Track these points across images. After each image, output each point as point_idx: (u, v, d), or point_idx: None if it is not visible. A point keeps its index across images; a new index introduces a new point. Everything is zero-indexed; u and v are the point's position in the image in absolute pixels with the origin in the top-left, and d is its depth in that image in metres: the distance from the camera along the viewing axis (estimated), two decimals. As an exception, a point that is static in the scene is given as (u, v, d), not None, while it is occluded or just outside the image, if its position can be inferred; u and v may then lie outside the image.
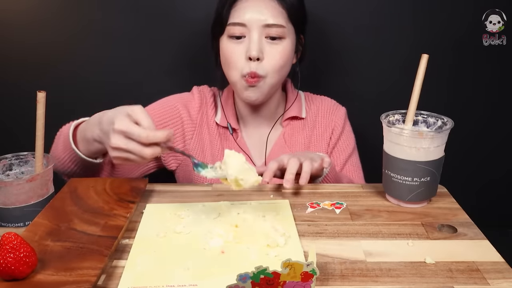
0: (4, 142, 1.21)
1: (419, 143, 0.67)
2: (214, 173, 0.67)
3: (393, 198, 0.72)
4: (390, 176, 0.70)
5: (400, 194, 0.70)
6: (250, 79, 0.88)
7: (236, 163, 0.65)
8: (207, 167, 0.69)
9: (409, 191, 0.69)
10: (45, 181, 0.71)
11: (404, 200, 0.70)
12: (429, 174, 0.68)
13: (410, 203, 0.70)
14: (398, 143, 0.68)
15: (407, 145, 0.67)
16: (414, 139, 0.67)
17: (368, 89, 1.21)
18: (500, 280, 0.53)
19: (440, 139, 0.68)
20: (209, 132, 1.00)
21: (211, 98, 1.02)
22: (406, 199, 0.70)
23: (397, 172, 0.69)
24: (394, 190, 0.71)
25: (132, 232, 0.63)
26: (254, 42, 0.87)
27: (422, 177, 0.68)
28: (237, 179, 0.65)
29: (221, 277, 0.53)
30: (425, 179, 0.68)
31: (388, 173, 0.71)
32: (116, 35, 1.15)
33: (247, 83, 0.89)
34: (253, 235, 0.61)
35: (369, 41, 1.16)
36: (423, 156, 0.67)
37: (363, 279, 0.53)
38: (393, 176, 0.70)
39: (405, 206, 0.70)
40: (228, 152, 0.66)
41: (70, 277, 0.50)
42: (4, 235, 0.49)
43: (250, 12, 0.88)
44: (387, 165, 0.71)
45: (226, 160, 0.66)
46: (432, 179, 0.68)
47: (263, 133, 1.01)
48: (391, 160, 0.70)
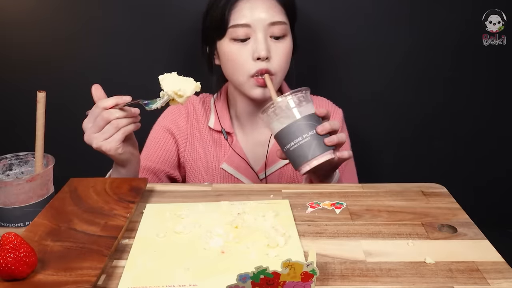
0: (4, 142, 1.21)
1: (288, 105, 0.76)
2: (161, 100, 0.73)
3: (304, 165, 0.76)
4: (290, 150, 0.76)
5: (304, 155, 0.75)
6: (261, 80, 0.88)
7: (170, 80, 0.71)
8: (155, 100, 0.73)
9: (308, 148, 0.75)
10: (45, 181, 0.71)
11: (308, 158, 0.75)
12: (312, 127, 0.75)
13: (316, 158, 0.75)
14: (278, 117, 0.76)
15: (282, 113, 0.76)
16: (284, 104, 0.76)
17: (366, 90, 1.20)
18: (500, 280, 0.53)
19: (297, 100, 0.76)
20: (201, 139, 1.01)
21: (199, 104, 1.03)
22: (309, 158, 0.75)
23: (291, 140, 0.75)
24: (299, 158, 0.76)
25: (132, 232, 0.63)
26: (262, 42, 0.87)
27: (309, 131, 0.75)
28: (176, 92, 0.71)
29: (221, 277, 0.53)
30: (311, 132, 0.75)
31: (288, 148, 0.76)
32: (116, 35, 1.15)
33: (258, 83, 0.89)
34: (253, 235, 0.61)
35: (368, 42, 1.16)
36: (298, 114, 0.75)
37: (363, 279, 0.53)
38: (291, 145, 0.76)
39: (315, 163, 0.75)
40: (160, 77, 0.72)
41: (70, 277, 0.50)
42: (4, 235, 0.49)
43: (253, 12, 0.87)
44: (283, 143, 0.77)
45: (162, 83, 0.72)
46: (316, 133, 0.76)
47: (260, 136, 1.01)
48: (282, 134, 0.76)
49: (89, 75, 1.16)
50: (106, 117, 0.71)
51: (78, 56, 1.17)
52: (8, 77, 1.18)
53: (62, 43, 1.15)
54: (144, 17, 1.14)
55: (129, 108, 0.73)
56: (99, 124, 0.72)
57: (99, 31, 1.15)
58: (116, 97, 0.72)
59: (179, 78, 0.72)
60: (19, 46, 1.16)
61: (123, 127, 0.72)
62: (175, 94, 0.72)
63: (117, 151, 0.73)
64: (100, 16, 1.14)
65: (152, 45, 1.16)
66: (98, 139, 0.72)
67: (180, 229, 0.63)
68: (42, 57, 1.16)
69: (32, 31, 1.14)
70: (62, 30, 1.14)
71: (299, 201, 0.72)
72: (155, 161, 0.98)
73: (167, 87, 0.72)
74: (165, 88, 0.72)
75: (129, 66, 1.17)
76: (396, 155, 1.26)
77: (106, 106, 0.71)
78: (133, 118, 0.74)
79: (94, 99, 0.74)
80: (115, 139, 0.72)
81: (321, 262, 0.56)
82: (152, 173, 0.98)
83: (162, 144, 1.00)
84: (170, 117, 1.02)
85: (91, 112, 0.73)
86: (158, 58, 1.17)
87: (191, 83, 0.73)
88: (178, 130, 1.01)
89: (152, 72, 0.75)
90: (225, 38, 0.90)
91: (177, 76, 0.72)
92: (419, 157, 1.25)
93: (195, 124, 1.02)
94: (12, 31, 1.14)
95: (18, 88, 1.17)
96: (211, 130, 1.01)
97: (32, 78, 1.16)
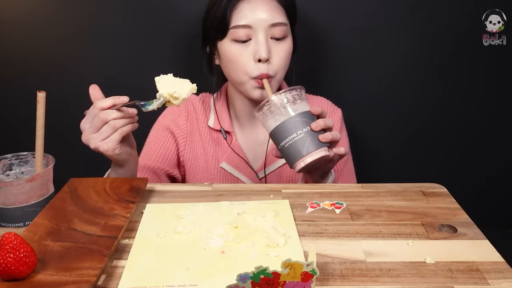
0: (4, 142, 1.21)
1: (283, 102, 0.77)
2: (157, 102, 0.73)
3: (299, 161, 0.76)
4: (285, 147, 0.77)
5: (299, 152, 0.76)
6: (261, 82, 0.88)
7: (166, 82, 0.71)
8: (152, 101, 0.73)
9: (302, 144, 0.75)
10: (45, 181, 0.71)
11: (303, 155, 0.75)
12: (306, 124, 0.76)
13: (310, 154, 0.75)
14: (272, 114, 0.77)
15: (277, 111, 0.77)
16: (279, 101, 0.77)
17: (366, 90, 1.20)
18: (500, 280, 0.53)
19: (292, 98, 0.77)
20: (201, 138, 1.01)
21: (199, 104, 1.03)
22: (303, 154, 0.75)
23: (285, 136, 0.76)
24: (293, 154, 0.76)
25: (132, 232, 0.63)
26: (263, 43, 0.87)
27: (303, 128, 0.76)
28: (171, 95, 0.71)
29: (221, 277, 0.53)
30: (305, 128, 0.76)
31: (283, 145, 0.77)
32: (116, 35, 1.15)
33: (258, 84, 0.89)
34: (253, 235, 0.61)
35: (368, 42, 1.16)
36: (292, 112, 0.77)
37: (363, 279, 0.53)
38: (286, 142, 0.76)
39: (310, 160, 0.75)
40: (156, 78, 0.72)
41: (70, 277, 0.50)
42: (4, 235, 0.49)
43: (254, 13, 0.87)
44: (277, 140, 0.78)
45: (157, 85, 0.71)
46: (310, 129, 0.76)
47: (259, 135, 1.01)
48: (276, 131, 0.77)
49: (89, 75, 1.16)
50: (103, 118, 0.71)
51: (78, 56, 1.17)
52: (8, 77, 1.18)
53: (62, 43, 1.15)
54: (144, 18, 1.14)
55: (127, 108, 0.73)
56: (97, 125, 0.72)
57: (99, 31, 1.15)
58: (113, 98, 0.72)
59: (175, 79, 0.72)
60: (19, 46, 1.16)
61: (120, 128, 0.72)
62: (171, 96, 0.72)
63: (115, 152, 0.73)
64: (100, 16, 1.14)
65: (152, 45, 1.16)
66: (96, 139, 0.72)
67: (180, 229, 0.63)
68: (42, 57, 1.16)
69: (32, 31, 1.14)
70: (62, 30, 1.14)
71: (299, 201, 0.72)
72: (155, 160, 0.98)
73: (162, 89, 0.71)
74: (160, 90, 0.71)
75: (129, 66, 1.17)
76: (396, 155, 1.26)
77: (104, 107, 0.71)
78: (131, 119, 0.74)
79: (92, 99, 0.74)
80: (112, 139, 0.72)
81: (321, 262, 0.56)
82: (152, 172, 0.98)
83: (162, 143, 1.00)
84: (170, 116, 1.02)
85: (89, 112, 0.73)
86: (158, 58, 1.17)
87: (187, 85, 0.72)
88: (178, 129, 1.01)
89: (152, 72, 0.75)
90: (226, 39, 0.90)
91: (173, 78, 0.72)
92: (419, 157, 1.25)
93: (195, 123, 1.02)
94: (12, 31, 1.14)
95: (18, 88, 1.17)
96: (210, 130, 1.01)
97: (32, 78, 1.16)
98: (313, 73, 1.19)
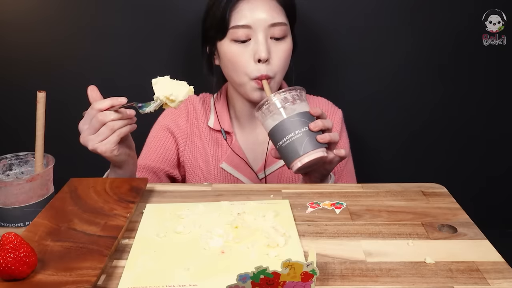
0: (4, 142, 1.21)
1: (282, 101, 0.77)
2: (154, 104, 0.73)
3: (296, 161, 0.76)
4: (282, 146, 0.77)
5: (296, 151, 0.76)
6: (260, 82, 0.88)
7: (163, 84, 0.71)
8: (149, 103, 0.73)
9: (300, 144, 0.75)
10: (45, 181, 0.71)
11: (300, 154, 0.75)
12: (304, 124, 0.76)
13: (308, 154, 0.75)
14: (271, 114, 0.77)
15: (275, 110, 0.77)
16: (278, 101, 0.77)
17: (366, 90, 1.20)
18: (500, 280, 0.53)
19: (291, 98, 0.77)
20: (201, 138, 1.01)
21: (199, 104, 1.03)
22: (301, 154, 0.75)
23: (283, 135, 0.76)
24: (291, 154, 0.76)
25: (132, 232, 0.63)
26: (262, 43, 0.87)
27: (301, 128, 0.76)
28: (168, 97, 0.71)
29: (221, 277, 0.53)
30: (304, 128, 0.76)
31: (281, 144, 0.77)
32: (116, 35, 1.15)
33: (258, 85, 0.89)
34: (253, 235, 0.61)
35: (367, 42, 1.16)
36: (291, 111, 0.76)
37: (363, 279, 0.53)
38: (284, 141, 0.76)
39: (306, 160, 0.75)
40: (153, 81, 0.71)
41: (70, 277, 0.50)
42: (4, 235, 0.49)
43: (254, 13, 0.87)
44: (275, 139, 0.78)
45: (154, 87, 0.71)
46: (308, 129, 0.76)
47: (259, 136, 1.01)
48: (275, 130, 0.77)
49: (89, 76, 1.17)
50: (101, 119, 0.71)
51: (78, 56, 1.17)
52: (8, 77, 1.18)
53: (62, 43, 1.15)
54: (144, 18, 1.14)
55: (125, 109, 0.73)
56: (95, 126, 0.71)
57: (99, 31, 1.15)
58: (111, 99, 0.72)
59: (172, 82, 0.72)
60: (19, 46, 1.16)
61: (119, 129, 0.72)
62: (167, 98, 0.71)
63: (113, 153, 0.73)
64: (100, 16, 1.14)
65: (152, 46, 1.16)
66: (94, 141, 0.72)
67: (180, 229, 0.63)
68: (42, 57, 1.16)
69: (32, 31, 1.14)
70: (62, 30, 1.14)
71: (299, 201, 0.72)
72: (155, 160, 0.98)
73: (159, 92, 0.71)
74: (157, 92, 0.71)
75: (129, 67, 1.17)
76: (396, 155, 1.26)
77: (102, 108, 0.71)
78: (129, 120, 0.73)
79: (90, 101, 0.74)
80: (110, 141, 0.72)
81: (321, 262, 0.56)
82: (152, 172, 0.98)
83: (162, 143, 1.00)
84: (170, 116, 1.02)
85: (87, 113, 0.73)
86: (158, 58, 1.17)
87: (184, 87, 0.72)
88: (178, 129, 1.01)
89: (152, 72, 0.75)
90: (225, 39, 0.90)
91: (170, 80, 0.72)
92: (419, 157, 1.25)
93: (195, 123, 1.02)
94: (12, 32, 1.14)
95: (18, 88, 1.17)
96: (211, 130, 1.01)
97: (32, 78, 1.16)
98: (312, 73, 1.19)
